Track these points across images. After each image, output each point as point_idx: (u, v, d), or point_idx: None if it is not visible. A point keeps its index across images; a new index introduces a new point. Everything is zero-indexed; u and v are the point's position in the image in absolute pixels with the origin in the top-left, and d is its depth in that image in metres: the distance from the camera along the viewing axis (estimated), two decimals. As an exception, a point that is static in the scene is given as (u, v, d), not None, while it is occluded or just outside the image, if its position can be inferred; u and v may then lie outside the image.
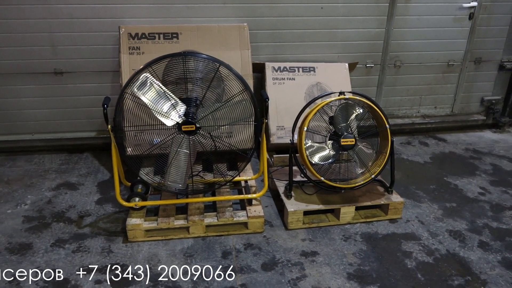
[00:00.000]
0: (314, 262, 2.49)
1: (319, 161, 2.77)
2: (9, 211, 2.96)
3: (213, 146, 2.73)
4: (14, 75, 3.61)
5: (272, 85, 3.65)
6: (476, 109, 4.66)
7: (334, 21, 3.88)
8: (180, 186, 2.63)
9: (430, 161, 3.88)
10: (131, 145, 2.69)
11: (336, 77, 3.78)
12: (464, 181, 3.51)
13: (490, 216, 3.00)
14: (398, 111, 4.45)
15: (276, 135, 3.57)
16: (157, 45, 3.37)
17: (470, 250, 2.63)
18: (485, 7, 4.13)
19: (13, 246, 2.59)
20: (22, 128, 3.81)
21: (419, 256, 2.57)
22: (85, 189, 3.27)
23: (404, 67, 4.24)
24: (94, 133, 3.90)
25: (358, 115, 2.81)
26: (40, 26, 3.47)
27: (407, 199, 3.18)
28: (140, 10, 3.53)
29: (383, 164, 2.82)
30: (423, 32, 4.11)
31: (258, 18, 3.72)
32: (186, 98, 2.54)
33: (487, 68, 4.46)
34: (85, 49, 3.59)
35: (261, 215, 2.73)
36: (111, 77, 3.71)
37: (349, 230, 2.81)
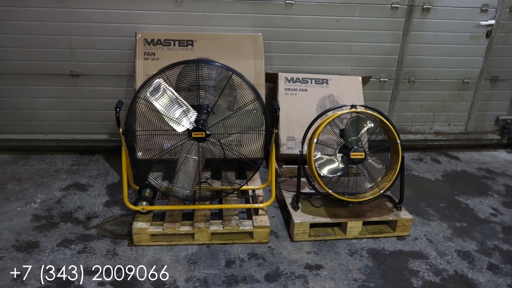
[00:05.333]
0: (318, 276, 2.46)
1: (328, 174, 2.75)
2: (18, 209, 3.00)
3: (222, 154, 2.74)
4: (31, 75, 3.68)
5: (284, 95, 3.66)
6: (490, 128, 4.59)
7: (349, 34, 3.88)
8: (188, 192, 2.64)
9: (441, 178, 3.82)
10: (141, 149, 2.71)
11: (349, 90, 3.77)
12: (475, 200, 3.44)
13: (501, 238, 2.93)
14: (410, 127, 4.41)
15: (286, 145, 3.56)
16: (172, 51, 3.41)
17: (479, 272, 2.57)
18: (503, 26, 4.08)
19: (20, 244, 2.62)
20: (36, 127, 3.88)
21: (426, 275, 2.52)
22: (94, 190, 3.30)
23: (418, 83, 4.20)
24: (106, 135, 3.94)
25: (369, 129, 2.79)
26: (59, 29, 3.54)
27: (416, 217, 3.13)
28: (157, 17, 3.58)
29: (392, 180, 2.79)
30: (439, 48, 4.08)
31: (273, 28, 3.74)
32: (198, 105, 2.56)
33: (503, 87, 4.39)
34: (102, 52, 3.65)
35: (267, 225, 2.71)
36: (125, 81, 3.76)
37: (355, 245, 2.77)
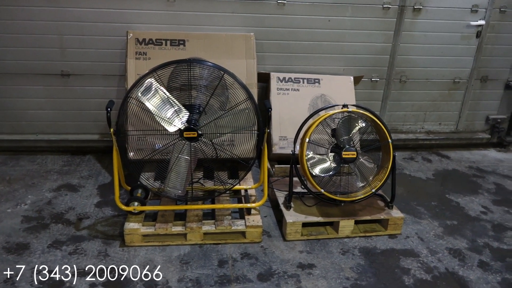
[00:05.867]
0: (311, 275, 2.47)
1: (320, 173, 2.76)
2: (8, 210, 2.96)
3: (215, 153, 2.73)
4: (21, 75, 3.64)
5: (277, 95, 3.66)
6: (481, 127, 4.64)
7: (340, 34, 3.89)
8: (180, 192, 2.63)
9: (432, 177, 3.85)
10: (133, 149, 2.70)
11: (340, 90, 3.78)
12: (466, 199, 3.48)
13: (491, 236, 2.97)
14: (402, 126, 4.44)
15: (279, 145, 3.57)
16: (164, 51, 3.39)
17: (470, 270, 2.60)
18: (492, 26, 4.13)
19: (11, 246, 2.59)
20: (27, 128, 3.84)
21: (417, 273, 2.54)
22: (85, 191, 3.28)
23: (409, 83, 4.23)
24: (98, 136, 3.91)
25: (361, 129, 2.81)
26: (50, 28, 3.51)
27: (407, 215, 3.15)
28: (149, 16, 3.57)
29: (384, 179, 2.80)
30: (430, 48, 4.11)
31: (265, 28, 3.74)
32: (190, 104, 2.55)
33: (493, 87, 4.44)
34: (93, 52, 3.63)
35: (259, 224, 2.71)
36: (117, 81, 3.74)
37: (347, 243, 2.79)
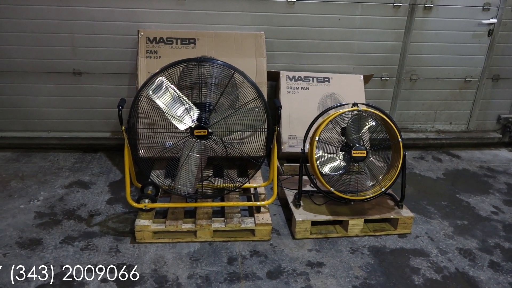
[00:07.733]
0: (320, 273, 2.48)
1: (329, 172, 2.76)
2: (22, 206, 3.01)
3: (224, 151, 2.75)
4: (34, 73, 3.70)
5: (286, 93, 3.66)
6: (492, 127, 4.59)
7: (350, 33, 3.88)
8: (190, 190, 2.65)
9: (443, 177, 3.83)
10: (144, 147, 2.72)
11: (350, 89, 3.77)
12: (477, 199, 3.45)
13: (502, 236, 2.94)
14: (412, 125, 4.41)
15: (288, 143, 3.57)
16: (174, 49, 3.42)
17: (480, 270, 2.58)
18: (505, 24, 4.08)
19: (24, 241, 2.63)
20: (39, 125, 3.89)
21: (427, 273, 2.53)
22: (96, 188, 3.32)
23: (420, 81, 4.21)
24: (109, 133, 3.96)
25: (370, 127, 2.80)
26: (62, 27, 3.55)
27: (417, 215, 3.14)
28: (160, 15, 3.59)
29: (394, 178, 2.79)
30: (441, 47, 4.08)
31: (275, 27, 3.75)
32: (200, 103, 2.57)
33: (504, 86, 4.39)
34: (104, 51, 3.67)
35: (268, 222, 2.72)
36: (128, 80, 3.77)
37: (356, 242, 2.78)
